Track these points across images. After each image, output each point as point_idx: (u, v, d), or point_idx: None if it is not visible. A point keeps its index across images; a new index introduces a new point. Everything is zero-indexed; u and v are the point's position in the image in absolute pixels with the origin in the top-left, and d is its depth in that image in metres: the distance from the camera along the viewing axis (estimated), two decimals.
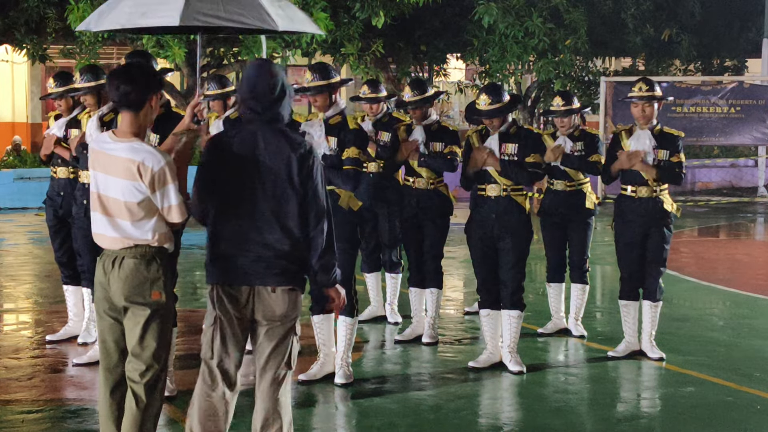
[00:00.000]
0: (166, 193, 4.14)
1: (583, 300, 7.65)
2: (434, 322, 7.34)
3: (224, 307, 4.18)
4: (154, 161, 4.09)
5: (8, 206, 16.12)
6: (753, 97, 18.96)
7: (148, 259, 4.17)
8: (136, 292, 4.15)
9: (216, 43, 14.90)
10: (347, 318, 6.22)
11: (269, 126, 4.20)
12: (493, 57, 17.58)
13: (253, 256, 4.14)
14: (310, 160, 4.18)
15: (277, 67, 4.29)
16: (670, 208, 6.80)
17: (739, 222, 16.80)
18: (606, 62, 22.84)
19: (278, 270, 4.15)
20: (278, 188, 4.14)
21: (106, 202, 4.18)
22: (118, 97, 4.15)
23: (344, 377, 6.20)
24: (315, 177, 4.19)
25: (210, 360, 4.22)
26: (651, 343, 6.95)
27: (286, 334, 4.23)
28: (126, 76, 4.16)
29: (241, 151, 4.16)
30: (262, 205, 4.14)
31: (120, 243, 4.16)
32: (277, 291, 4.17)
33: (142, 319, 4.17)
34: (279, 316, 4.19)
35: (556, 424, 5.59)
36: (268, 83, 4.19)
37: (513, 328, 6.55)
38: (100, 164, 4.19)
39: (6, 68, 23.16)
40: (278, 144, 4.17)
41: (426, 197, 7.17)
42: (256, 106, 4.19)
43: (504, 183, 6.46)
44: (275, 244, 4.14)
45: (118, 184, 4.13)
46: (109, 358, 4.29)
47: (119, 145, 4.15)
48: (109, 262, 4.19)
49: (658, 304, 6.92)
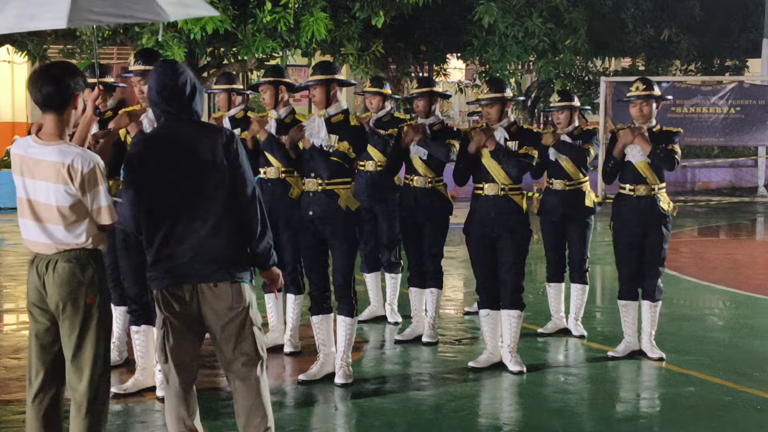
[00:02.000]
0: (96, 195, 4.07)
1: (583, 300, 7.65)
2: (434, 322, 7.34)
3: (171, 308, 4.16)
4: (83, 162, 4.01)
5: (8, 206, 16.13)
6: (753, 97, 18.96)
7: (82, 263, 4.10)
8: (71, 296, 4.08)
9: (216, 43, 14.90)
10: (347, 318, 6.21)
11: (186, 123, 4.19)
12: (493, 57, 17.59)
13: (190, 255, 4.11)
14: (233, 144, 4.16)
15: (183, 65, 4.27)
16: (667, 207, 6.81)
17: (739, 222, 16.80)
18: (606, 62, 22.85)
19: (216, 266, 4.12)
20: (207, 182, 4.11)
21: (37, 207, 4.09)
22: (41, 99, 4.04)
23: (344, 377, 6.20)
24: (242, 160, 4.18)
25: (164, 364, 4.21)
26: (651, 343, 6.95)
27: (243, 327, 4.18)
28: (48, 76, 4.05)
29: (162, 153, 4.13)
30: (191, 202, 4.11)
31: (53, 248, 4.09)
32: (219, 286, 4.14)
33: (78, 324, 4.10)
34: (225, 309, 4.15)
35: (556, 424, 5.59)
36: (178, 83, 4.15)
37: (513, 328, 6.56)
38: (27, 170, 4.09)
39: (6, 68, 23.15)
40: (198, 137, 4.15)
41: (424, 196, 7.16)
42: (170, 108, 4.16)
43: (502, 182, 6.46)
44: (210, 239, 4.10)
45: (48, 188, 4.04)
46: (39, 361, 4.19)
47: (46, 148, 4.05)
48: (43, 265, 4.11)
49: (658, 304, 6.92)
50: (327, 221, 6.11)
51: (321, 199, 6.12)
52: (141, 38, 14.19)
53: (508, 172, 6.43)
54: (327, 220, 6.11)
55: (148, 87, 4.24)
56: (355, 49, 16.02)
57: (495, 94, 6.45)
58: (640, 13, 20.30)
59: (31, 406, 4.20)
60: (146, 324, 5.85)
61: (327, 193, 6.11)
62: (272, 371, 6.62)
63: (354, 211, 6.15)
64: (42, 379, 4.20)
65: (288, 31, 14.00)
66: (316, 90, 6.10)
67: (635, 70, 22.07)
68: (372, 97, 7.85)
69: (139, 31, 14.06)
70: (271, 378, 6.36)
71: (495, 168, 6.45)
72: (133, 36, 14.45)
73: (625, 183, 6.87)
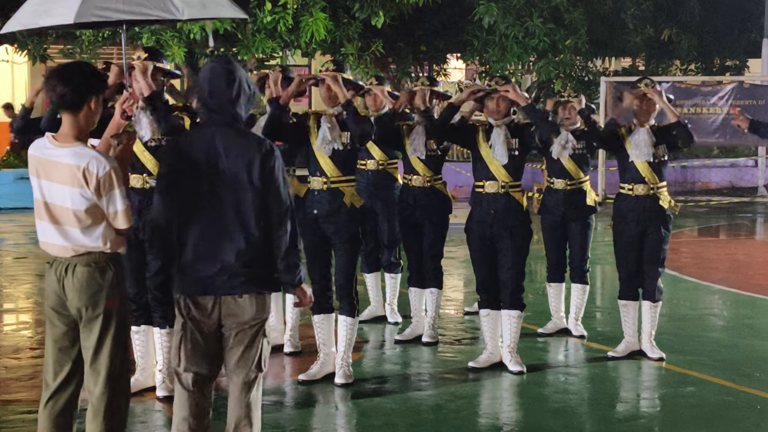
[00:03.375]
0: (112, 199, 4.00)
1: (583, 300, 7.65)
2: (434, 322, 7.34)
3: (191, 315, 4.11)
4: (99, 166, 3.95)
5: (8, 206, 16.13)
6: (753, 97, 18.94)
7: (101, 267, 4.06)
8: (91, 301, 4.04)
9: (216, 43, 14.90)
10: (348, 318, 6.21)
11: (227, 127, 4.07)
12: (493, 57, 17.57)
13: (217, 266, 4.04)
14: (272, 159, 4.05)
15: (237, 65, 4.14)
16: (667, 206, 6.80)
17: (739, 222, 16.80)
18: (606, 62, 22.83)
19: (243, 278, 4.06)
20: (240, 192, 4.02)
21: (53, 210, 4.03)
22: (56, 98, 3.98)
23: (344, 377, 6.20)
24: (277, 176, 4.06)
25: (177, 367, 4.16)
26: (651, 343, 6.95)
27: (255, 337, 4.15)
28: (63, 76, 3.99)
29: (199, 156, 4.04)
30: (223, 211, 4.03)
31: (71, 251, 4.05)
32: (244, 297, 4.08)
33: (98, 328, 4.06)
34: (247, 320, 4.11)
35: (556, 424, 5.59)
36: (225, 81, 4.05)
37: (513, 328, 6.55)
38: (44, 171, 4.03)
39: (6, 68, 23.16)
40: (239, 145, 4.05)
41: (423, 195, 7.15)
42: (212, 105, 4.07)
43: (502, 179, 6.46)
44: (239, 251, 4.03)
45: (64, 191, 3.99)
46: (57, 364, 4.16)
47: (61, 150, 3.99)
48: (62, 269, 4.06)
49: (658, 305, 6.92)
50: (331, 219, 6.12)
51: (326, 198, 6.13)
52: (141, 38, 14.18)
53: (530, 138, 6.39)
54: (331, 219, 6.12)
55: (197, 84, 4.15)
56: (355, 49, 16.01)
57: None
58: (641, 13, 20.27)
59: (43, 409, 4.16)
60: (146, 324, 5.84)
61: (332, 192, 6.12)
62: (272, 371, 6.62)
63: (358, 210, 6.16)
64: (60, 382, 4.16)
65: (288, 31, 14.00)
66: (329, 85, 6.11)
67: (635, 70, 22.04)
68: (374, 95, 7.76)
69: (138, 31, 14.05)
70: (271, 378, 6.37)
71: (495, 165, 6.45)
72: (134, 36, 14.44)
73: (624, 183, 6.87)
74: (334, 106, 6.18)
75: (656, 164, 6.77)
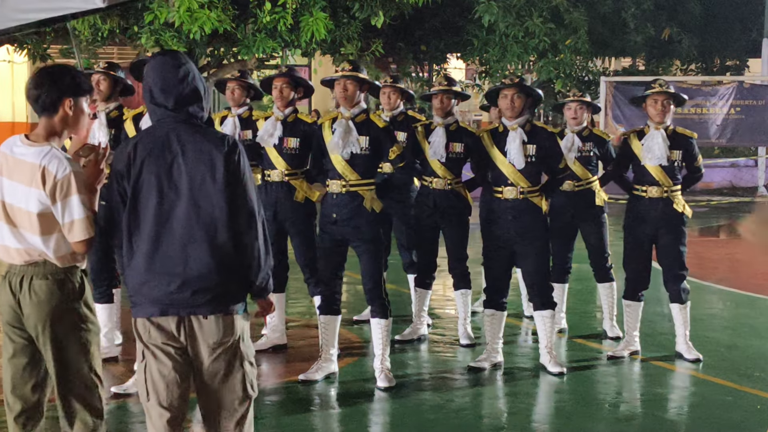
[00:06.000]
0: (69, 206, 3.66)
1: (614, 298, 7.52)
2: (467, 323, 7.30)
3: (153, 340, 3.63)
4: (59, 167, 3.67)
5: None
6: (753, 97, 18.95)
7: (60, 279, 3.76)
8: (53, 318, 3.74)
9: (216, 43, 14.90)
10: (381, 320, 6.14)
11: (183, 124, 3.66)
12: (493, 57, 17.58)
13: (177, 282, 3.56)
14: (236, 154, 3.62)
15: (185, 56, 3.75)
16: (681, 209, 6.76)
17: (739, 222, 16.79)
18: (606, 62, 22.84)
19: (209, 296, 3.58)
20: (201, 194, 3.57)
21: (11, 211, 3.78)
22: (30, 101, 3.82)
23: (386, 381, 6.10)
24: (243, 173, 3.63)
25: (146, 402, 3.67)
26: (687, 344, 6.90)
27: (231, 362, 3.66)
28: (35, 80, 3.83)
29: (152, 159, 3.58)
30: (182, 220, 3.56)
31: (26, 255, 3.76)
32: (210, 318, 3.61)
33: (60, 343, 3.77)
34: (214, 344, 3.63)
35: (556, 424, 5.59)
36: (177, 76, 3.66)
37: (547, 328, 6.51)
38: (7, 170, 3.80)
39: (6, 68, 23.16)
40: (197, 142, 3.61)
41: (443, 198, 7.05)
42: (167, 105, 3.65)
43: (521, 185, 6.38)
44: (201, 264, 3.55)
45: (22, 191, 3.74)
46: (18, 380, 3.88)
47: (29, 149, 3.78)
48: (17, 282, 3.78)
49: (687, 305, 6.84)
50: (352, 223, 6.07)
51: (345, 201, 6.09)
52: (140, 38, 14.17)
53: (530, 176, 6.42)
54: (352, 222, 6.07)
55: (144, 80, 3.70)
56: (355, 49, 16.00)
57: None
58: (641, 13, 20.28)
59: (15, 425, 3.92)
60: None
61: (351, 195, 6.08)
62: (272, 371, 6.63)
63: (379, 213, 6.12)
64: (23, 403, 3.90)
65: (288, 31, 13.99)
66: (350, 85, 6.09)
67: (635, 70, 22.07)
68: (390, 93, 7.59)
69: (138, 31, 14.04)
70: (271, 378, 6.37)
71: (512, 172, 6.37)
72: (132, 36, 14.44)
73: (638, 184, 6.84)
74: (351, 107, 6.15)
75: (669, 167, 6.73)
